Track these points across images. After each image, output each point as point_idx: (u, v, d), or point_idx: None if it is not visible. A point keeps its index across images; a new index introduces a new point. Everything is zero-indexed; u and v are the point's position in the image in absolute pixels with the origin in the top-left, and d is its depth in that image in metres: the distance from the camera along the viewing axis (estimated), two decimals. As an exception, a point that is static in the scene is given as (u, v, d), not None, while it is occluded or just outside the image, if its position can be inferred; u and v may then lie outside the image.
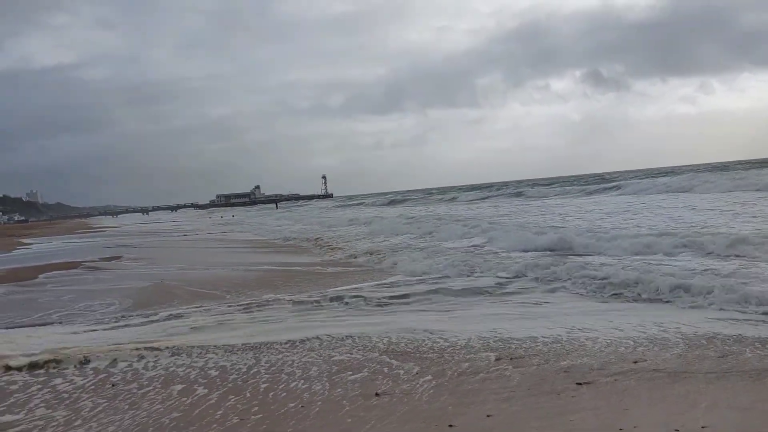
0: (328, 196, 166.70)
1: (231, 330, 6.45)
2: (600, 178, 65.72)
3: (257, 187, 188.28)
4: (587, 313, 6.52)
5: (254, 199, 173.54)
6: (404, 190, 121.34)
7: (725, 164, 69.85)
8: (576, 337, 5.55)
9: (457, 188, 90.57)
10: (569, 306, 7.06)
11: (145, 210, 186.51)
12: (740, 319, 5.82)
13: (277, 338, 5.94)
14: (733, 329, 5.48)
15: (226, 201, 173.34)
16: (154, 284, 10.64)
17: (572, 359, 4.87)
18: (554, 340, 5.48)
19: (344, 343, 5.70)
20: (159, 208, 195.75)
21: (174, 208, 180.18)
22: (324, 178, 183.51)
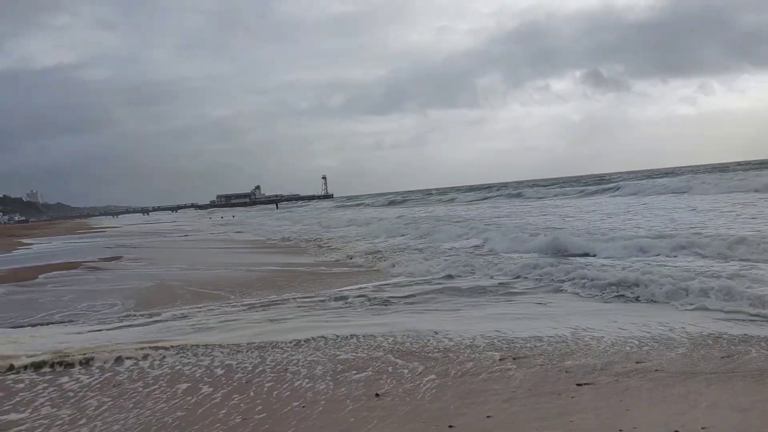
0: (328, 197, 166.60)
1: (236, 330, 6.47)
2: (600, 178, 65.80)
3: (257, 187, 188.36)
4: (591, 314, 6.54)
5: (254, 199, 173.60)
6: (404, 191, 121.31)
7: (725, 165, 69.94)
8: (581, 336, 5.57)
9: (456, 189, 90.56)
10: (573, 306, 7.08)
11: (145, 210, 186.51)
12: (746, 320, 5.82)
13: (282, 338, 5.96)
14: (739, 329, 5.47)
15: (227, 201, 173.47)
16: (156, 284, 10.67)
17: (576, 359, 4.89)
18: (559, 339, 5.50)
19: (349, 343, 5.72)
20: (159, 209, 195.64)
21: (174, 209, 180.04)
22: (324, 178, 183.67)
